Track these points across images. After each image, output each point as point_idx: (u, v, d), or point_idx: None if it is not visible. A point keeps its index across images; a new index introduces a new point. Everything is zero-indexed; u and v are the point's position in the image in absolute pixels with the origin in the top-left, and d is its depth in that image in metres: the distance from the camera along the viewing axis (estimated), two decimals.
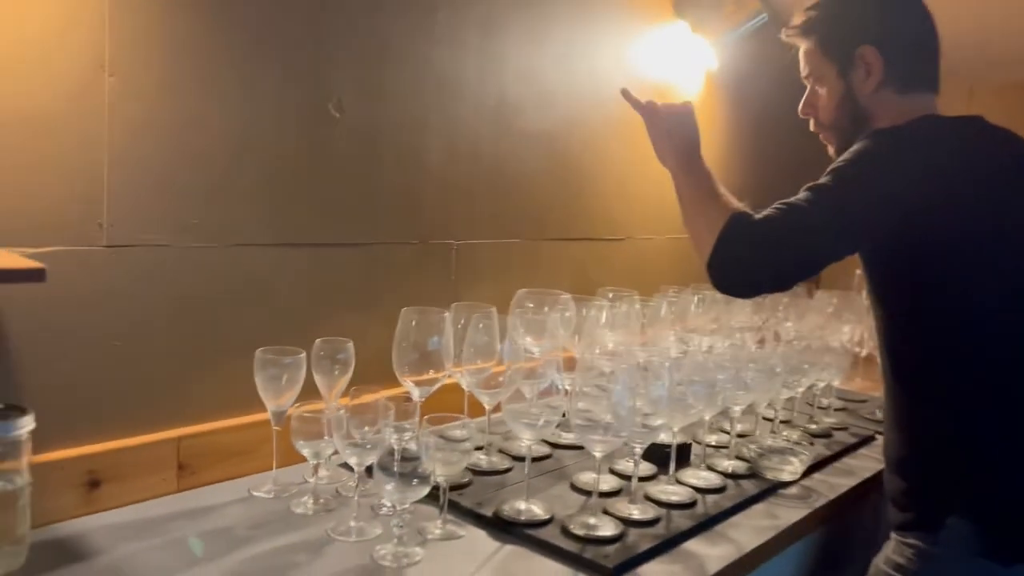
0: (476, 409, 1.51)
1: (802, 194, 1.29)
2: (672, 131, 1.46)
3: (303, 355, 1.36)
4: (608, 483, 1.47)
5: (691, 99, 1.54)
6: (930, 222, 1.27)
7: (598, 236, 2.18)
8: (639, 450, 1.34)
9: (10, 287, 1.11)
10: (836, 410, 2.07)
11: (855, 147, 1.32)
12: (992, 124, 1.40)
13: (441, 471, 1.22)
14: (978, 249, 1.29)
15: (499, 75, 1.84)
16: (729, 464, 1.60)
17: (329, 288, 1.56)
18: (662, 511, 1.37)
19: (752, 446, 1.65)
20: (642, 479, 1.49)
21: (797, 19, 1.49)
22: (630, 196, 2.24)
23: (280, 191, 1.46)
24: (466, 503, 1.35)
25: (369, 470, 1.22)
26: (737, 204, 1.33)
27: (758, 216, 1.28)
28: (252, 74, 1.39)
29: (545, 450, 1.63)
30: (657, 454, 1.56)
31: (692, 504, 1.42)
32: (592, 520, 1.28)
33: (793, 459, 1.59)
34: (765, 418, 1.83)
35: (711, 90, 2.49)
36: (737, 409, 1.60)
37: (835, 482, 1.61)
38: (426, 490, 1.17)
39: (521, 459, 1.54)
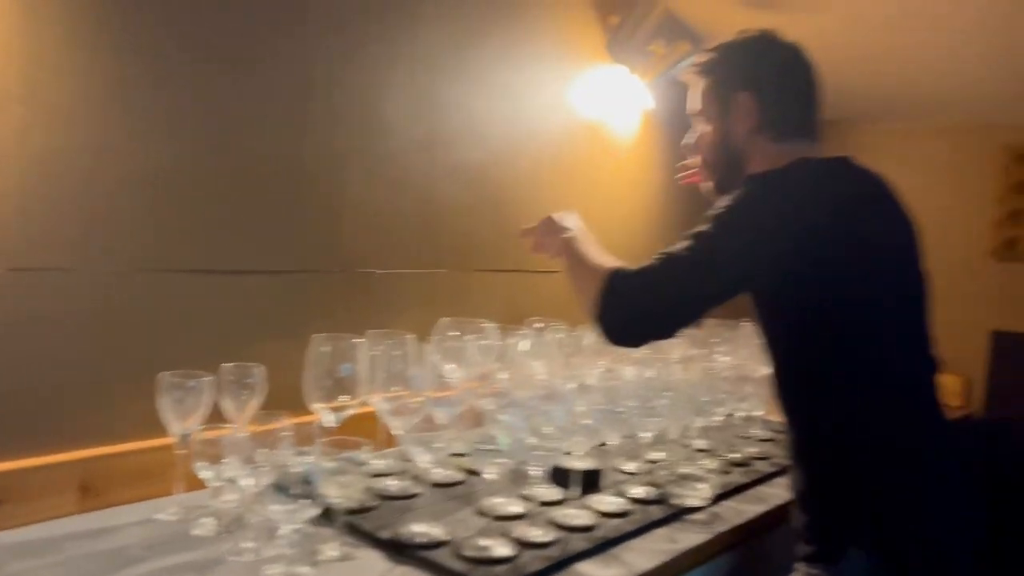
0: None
1: (681, 242, 1.36)
2: (555, 230, 1.60)
3: (208, 379, 1.38)
4: (517, 507, 1.49)
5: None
6: (804, 259, 1.32)
7: (531, 268, 2.23)
8: (536, 473, 1.36)
9: None
10: (762, 440, 2.09)
11: (732, 194, 1.38)
12: (858, 164, 1.47)
13: (336, 493, 1.24)
14: (849, 280, 1.34)
15: (429, 111, 1.89)
16: (641, 490, 1.62)
17: (246, 315, 1.59)
18: (563, 534, 1.39)
19: (663, 472, 1.67)
20: (549, 503, 1.51)
21: (698, 59, 1.56)
22: None
23: (195, 218, 1.50)
24: (367, 526, 1.36)
25: None
26: (617, 263, 1.41)
27: (636, 268, 1.35)
28: (167, 104, 1.44)
29: (460, 476, 1.65)
30: (567, 479, 1.59)
31: (592, 527, 1.44)
32: (485, 542, 1.30)
33: (702, 485, 1.62)
34: (684, 446, 1.86)
35: (648, 129, 2.57)
36: (648, 435, 1.63)
37: (744, 509, 1.64)
38: (313, 511, 1.19)
39: (434, 485, 1.57)
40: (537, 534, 1.36)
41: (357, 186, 1.76)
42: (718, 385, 1.82)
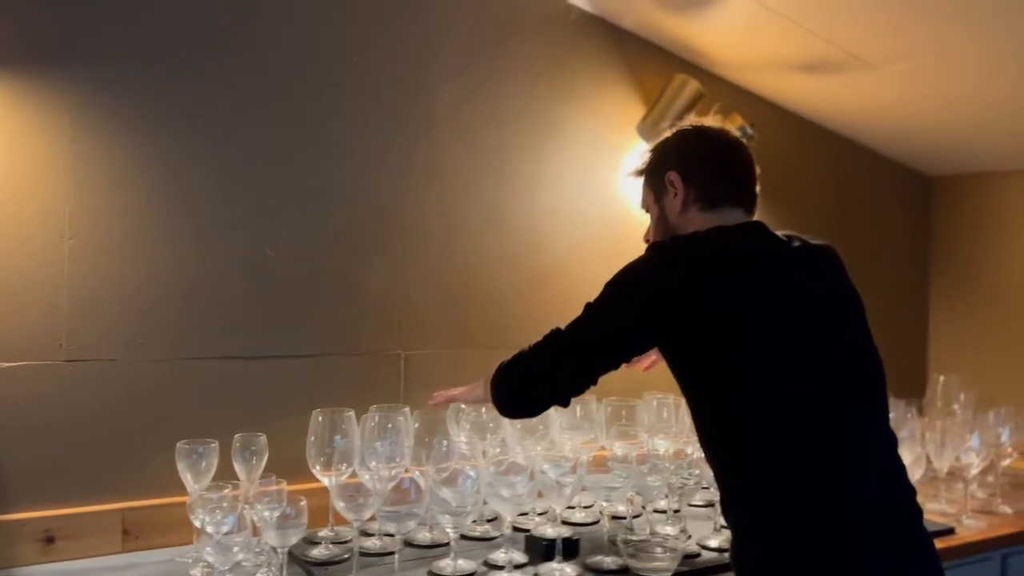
0: None
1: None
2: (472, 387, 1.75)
3: (215, 444, 1.69)
4: (469, 567, 1.61)
5: None
6: (701, 309, 1.37)
7: None
8: (452, 533, 1.51)
9: None
10: None
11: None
12: (767, 229, 1.50)
13: (274, 541, 1.49)
14: (746, 330, 1.37)
15: (449, 210, 2.13)
16: (609, 560, 1.66)
17: (265, 394, 1.90)
18: None
19: (632, 539, 1.69)
20: (497, 567, 1.62)
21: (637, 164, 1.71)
22: None
23: (219, 314, 1.85)
24: (319, 573, 1.58)
25: None
26: None
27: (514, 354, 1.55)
28: (193, 228, 1.82)
29: (443, 539, 1.79)
30: (536, 547, 1.69)
31: None
32: None
33: (664, 555, 1.62)
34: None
35: None
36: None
37: None
38: (240, 556, 1.44)
39: (418, 546, 1.74)
40: None
41: (379, 279, 2.03)
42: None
